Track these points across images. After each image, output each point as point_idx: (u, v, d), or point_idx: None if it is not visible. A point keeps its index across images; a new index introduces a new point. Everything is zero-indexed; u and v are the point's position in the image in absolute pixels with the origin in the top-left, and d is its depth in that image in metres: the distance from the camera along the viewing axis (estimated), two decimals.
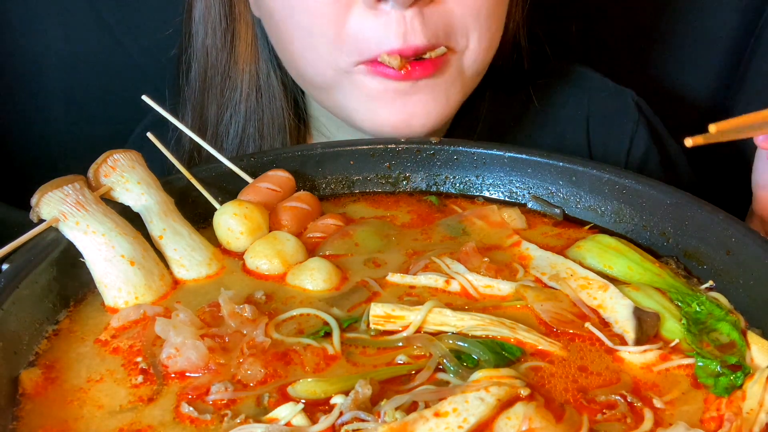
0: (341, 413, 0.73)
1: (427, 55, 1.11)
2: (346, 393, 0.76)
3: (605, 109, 1.46)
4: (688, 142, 0.91)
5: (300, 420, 0.73)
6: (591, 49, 1.76)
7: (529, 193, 1.14)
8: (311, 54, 1.16)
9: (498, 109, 1.45)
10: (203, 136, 1.35)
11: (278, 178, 1.09)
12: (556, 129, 1.46)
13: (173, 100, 1.41)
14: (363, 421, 0.73)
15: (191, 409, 0.76)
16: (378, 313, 0.86)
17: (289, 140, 1.36)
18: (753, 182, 1.15)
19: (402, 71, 1.09)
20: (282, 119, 1.34)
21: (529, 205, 1.14)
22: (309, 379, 0.79)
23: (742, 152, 1.70)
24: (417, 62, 1.11)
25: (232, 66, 1.33)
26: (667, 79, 1.79)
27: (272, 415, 0.74)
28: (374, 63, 1.12)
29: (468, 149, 1.15)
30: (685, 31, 1.73)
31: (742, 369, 0.81)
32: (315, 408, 0.75)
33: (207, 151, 1.10)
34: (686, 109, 1.81)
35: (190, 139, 1.12)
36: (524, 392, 0.75)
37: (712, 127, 0.90)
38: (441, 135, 1.42)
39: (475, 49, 1.16)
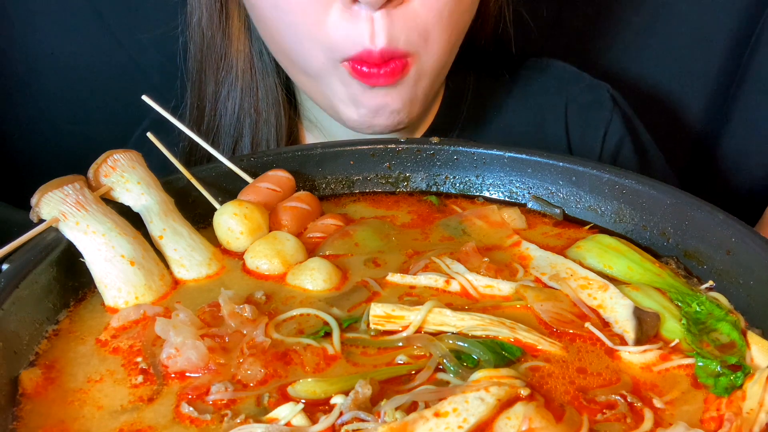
0: (341, 413, 0.73)
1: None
2: (346, 393, 0.76)
3: (583, 99, 1.51)
4: None
5: (300, 420, 0.73)
6: (589, 48, 1.76)
7: (529, 193, 1.14)
8: (295, 47, 1.19)
9: (480, 98, 1.48)
10: (202, 114, 1.38)
11: (278, 178, 1.09)
12: (536, 117, 1.51)
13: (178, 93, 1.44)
14: (363, 421, 0.72)
15: (191, 409, 0.76)
16: (378, 313, 0.86)
17: (283, 115, 1.39)
18: None
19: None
20: (276, 94, 1.38)
21: (529, 205, 1.14)
22: (309, 379, 0.78)
23: (742, 155, 1.71)
24: (383, 65, 1.13)
25: (227, 45, 1.36)
26: (666, 80, 1.79)
27: (272, 415, 0.74)
28: (351, 62, 1.14)
29: (468, 149, 1.15)
30: (684, 33, 1.73)
31: (742, 369, 0.80)
32: (315, 408, 0.75)
33: (206, 144, 1.11)
34: (685, 111, 1.81)
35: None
36: (524, 392, 0.75)
37: None
38: (419, 126, 1.43)
39: (434, 51, 1.19)
